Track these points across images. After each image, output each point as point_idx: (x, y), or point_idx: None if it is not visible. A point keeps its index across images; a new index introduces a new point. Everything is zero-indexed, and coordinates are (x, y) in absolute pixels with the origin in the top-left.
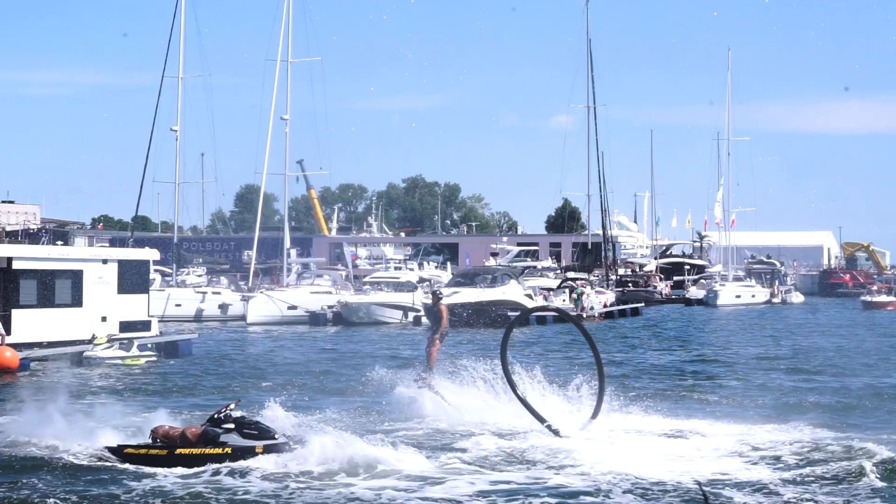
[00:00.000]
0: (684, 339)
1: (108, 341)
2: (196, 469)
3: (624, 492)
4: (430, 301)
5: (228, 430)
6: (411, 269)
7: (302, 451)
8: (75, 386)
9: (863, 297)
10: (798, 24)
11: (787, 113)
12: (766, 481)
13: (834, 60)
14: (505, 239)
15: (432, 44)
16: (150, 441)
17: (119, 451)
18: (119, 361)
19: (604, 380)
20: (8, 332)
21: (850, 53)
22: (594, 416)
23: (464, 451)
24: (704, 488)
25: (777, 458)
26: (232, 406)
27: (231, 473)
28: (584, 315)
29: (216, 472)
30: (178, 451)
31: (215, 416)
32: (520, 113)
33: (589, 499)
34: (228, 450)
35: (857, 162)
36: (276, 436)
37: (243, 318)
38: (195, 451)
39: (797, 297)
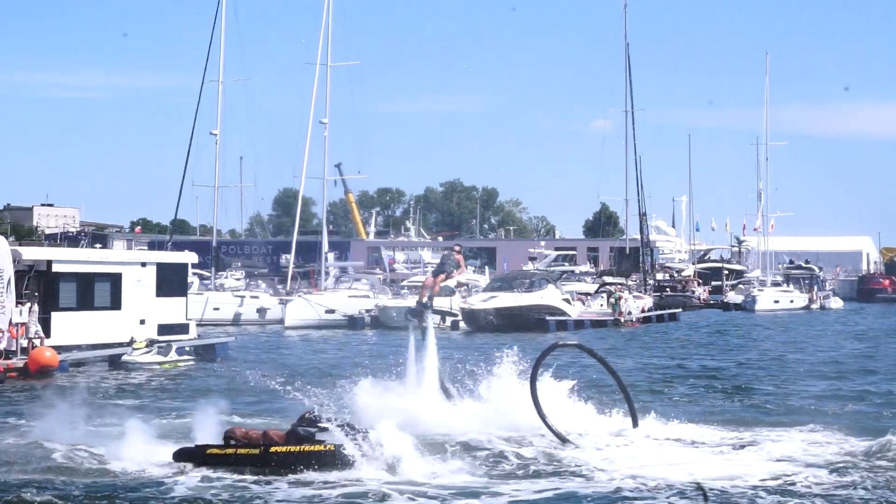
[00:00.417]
0: (745, 345)
1: (146, 345)
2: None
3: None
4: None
5: (322, 430)
6: None
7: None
8: (113, 389)
9: None
10: (837, 27)
11: (826, 117)
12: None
13: (872, 64)
14: (542, 243)
15: (471, 47)
16: (222, 443)
17: (193, 454)
18: (157, 366)
19: (629, 395)
20: (47, 334)
21: (891, 57)
22: (634, 424)
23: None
24: (704, 488)
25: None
26: (319, 408)
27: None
28: (623, 320)
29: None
30: (274, 449)
31: (306, 415)
32: (558, 117)
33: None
34: (331, 447)
35: None
36: (373, 440)
37: (281, 321)
38: (293, 448)
39: (836, 303)
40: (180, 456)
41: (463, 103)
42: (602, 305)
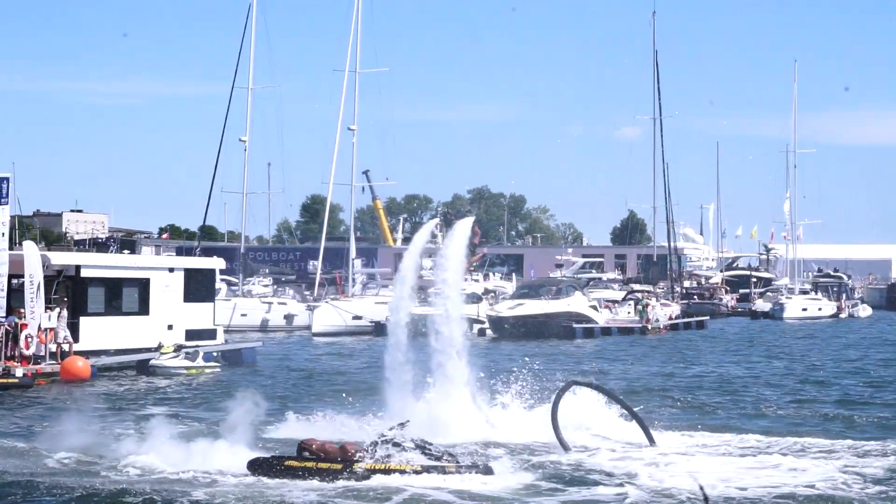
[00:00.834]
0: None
1: (174, 350)
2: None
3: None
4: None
5: (402, 449)
6: (476, 281)
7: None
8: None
9: None
10: (867, 35)
11: (855, 125)
12: None
13: None
14: (570, 250)
15: (500, 54)
16: (296, 454)
17: (270, 465)
18: (184, 371)
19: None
20: (76, 339)
21: None
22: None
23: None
24: (704, 488)
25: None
26: (399, 426)
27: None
28: (650, 327)
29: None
30: (359, 465)
31: (387, 432)
32: (586, 124)
33: None
34: (418, 467)
35: None
36: (460, 460)
37: (308, 328)
38: (378, 466)
39: (865, 311)
40: (255, 466)
41: (491, 110)
42: (629, 313)
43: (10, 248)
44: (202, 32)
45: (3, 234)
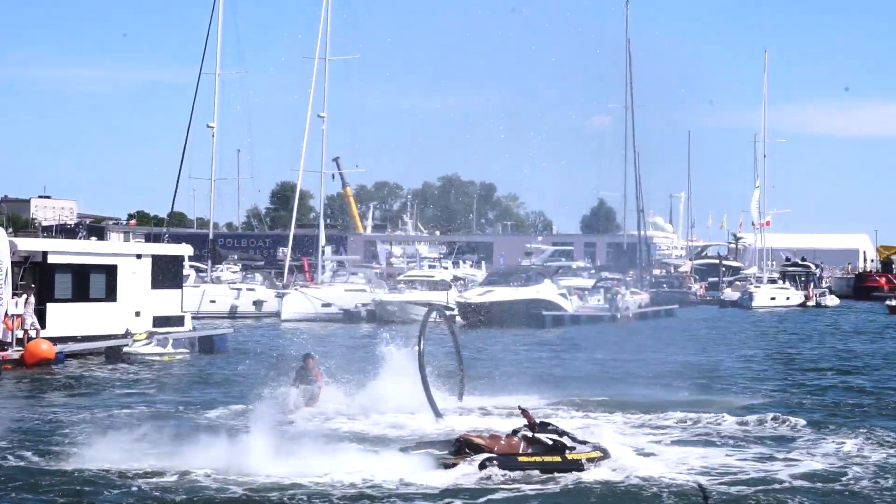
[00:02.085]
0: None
1: (147, 336)
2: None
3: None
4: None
5: (562, 434)
6: (446, 268)
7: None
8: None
9: (888, 302)
10: (837, 26)
11: (823, 115)
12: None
13: (871, 62)
14: (540, 238)
15: (470, 42)
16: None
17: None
18: (157, 358)
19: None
20: (43, 325)
21: (891, 57)
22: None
23: None
24: (704, 487)
25: None
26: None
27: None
28: (619, 315)
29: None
30: (571, 456)
31: (538, 422)
32: (556, 112)
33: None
34: (599, 453)
35: (894, 165)
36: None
37: (277, 314)
38: (584, 455)
39: (832, 300)
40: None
41: (462, 98)
42: (599, 301)
43: None
44: (171, 17)
45: None
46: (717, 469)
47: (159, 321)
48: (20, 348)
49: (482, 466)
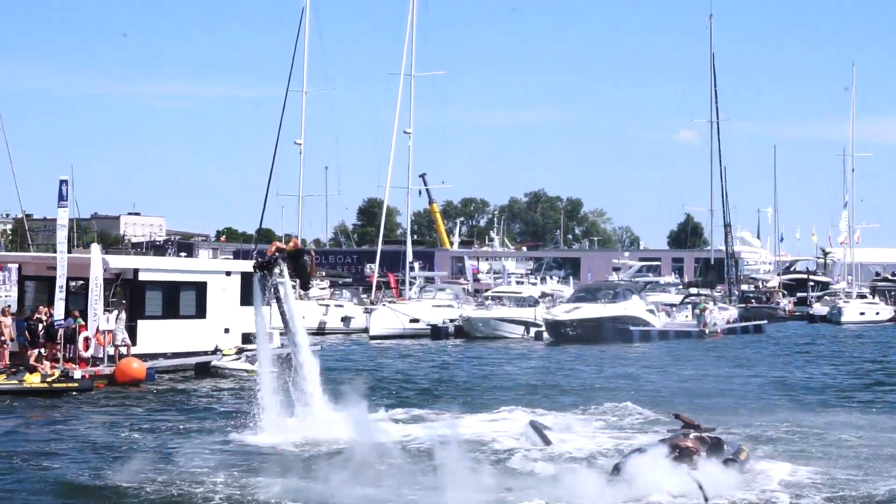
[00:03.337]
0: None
1: (236, 352)
2: None
3: None
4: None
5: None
6: (533, 284)
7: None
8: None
9: None
10: None
11: None
12: None
13: None
14: (627, 254)
15: (557, 57)
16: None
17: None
18: (245, 373)
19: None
20: (133, 342)
21: None
22: None
23: None
24: (704, 489)
25: None
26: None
27: None
28: (707, 331)
29: None
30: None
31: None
32: (642, 127)
33: None
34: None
35: None
36: None
37: (366, 330)
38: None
39: None
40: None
41: (548, 113)
42: (687, 316)
43: (69, 252)
44: (257, 36)
45: (64, 236)
46: None
47: (248, 338)
48: (112, 364)
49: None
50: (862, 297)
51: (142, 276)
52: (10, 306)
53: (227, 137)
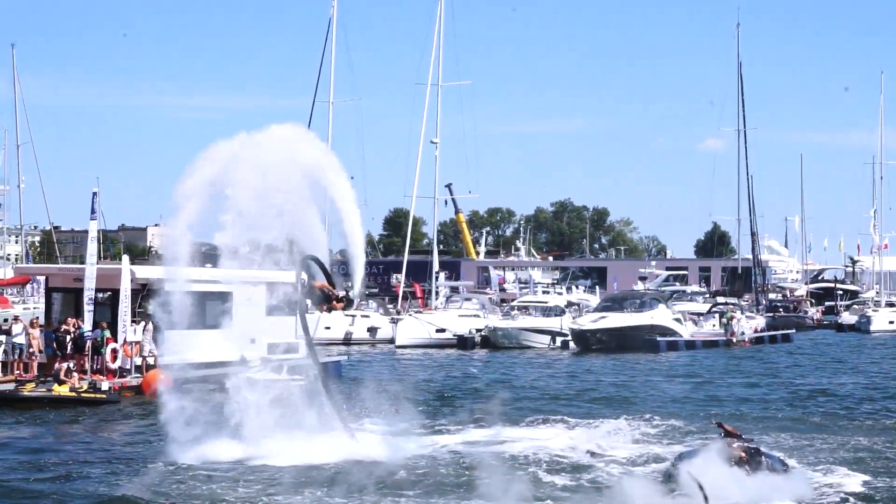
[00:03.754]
0: None
1: (260, 363)
2: None
3: None
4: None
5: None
6: (559, 294)
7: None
8: None
9: None
10: None
11: None
12: None
13: None
14: (653, 263)
15: (582, 67)
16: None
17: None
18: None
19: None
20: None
21: None
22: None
23: None
24: (704, 488)
25: None
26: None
27: None
28: (735, 340)
29: None
30: None
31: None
32: (669, 136)
33: None
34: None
35: None
36: None
37: (392, 340)
38: None
39: None
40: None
41: (574, 122)
42: (714, 326)
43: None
44: (285, 47)
45: (94, 248)
46: None
47: (274, 348)
48: (139, 375)
49: None
50: (891, 305)
51: (167, 287)
52: (38, 318)
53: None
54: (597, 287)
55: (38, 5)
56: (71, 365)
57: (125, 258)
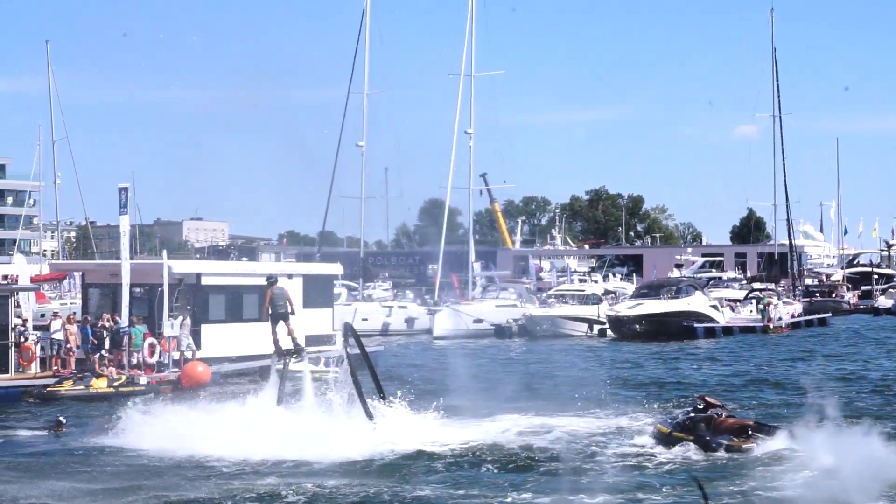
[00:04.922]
0: None
1: (297, 355)
2: None
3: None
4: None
5: None
6: (596, 282)
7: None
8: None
9: None
10: None
11: None
12: None
13: None
14: (689, 250)
15: (615, 55)
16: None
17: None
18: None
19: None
20: (198, 346)
21: None
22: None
23: None
24: (704, 487)
25: None
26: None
27: None
28: (772, 326)
29: None
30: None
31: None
32: (703, 122)
33: None
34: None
35: None
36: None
37: (429, 331)
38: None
39: None
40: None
41: (607, 110)
42: (751, 312)
43: (131, 258)
44: (318, 39)
45: (126, 243)
46: None
47: (311, 340)
48: (177, 369)
49: None
50: None
51: (204, 281)
52: (75, 313)
53: (289, 141)
54: (633, 274)
55: (72, 2)
56: (105, 353)
57: (164, 254)
